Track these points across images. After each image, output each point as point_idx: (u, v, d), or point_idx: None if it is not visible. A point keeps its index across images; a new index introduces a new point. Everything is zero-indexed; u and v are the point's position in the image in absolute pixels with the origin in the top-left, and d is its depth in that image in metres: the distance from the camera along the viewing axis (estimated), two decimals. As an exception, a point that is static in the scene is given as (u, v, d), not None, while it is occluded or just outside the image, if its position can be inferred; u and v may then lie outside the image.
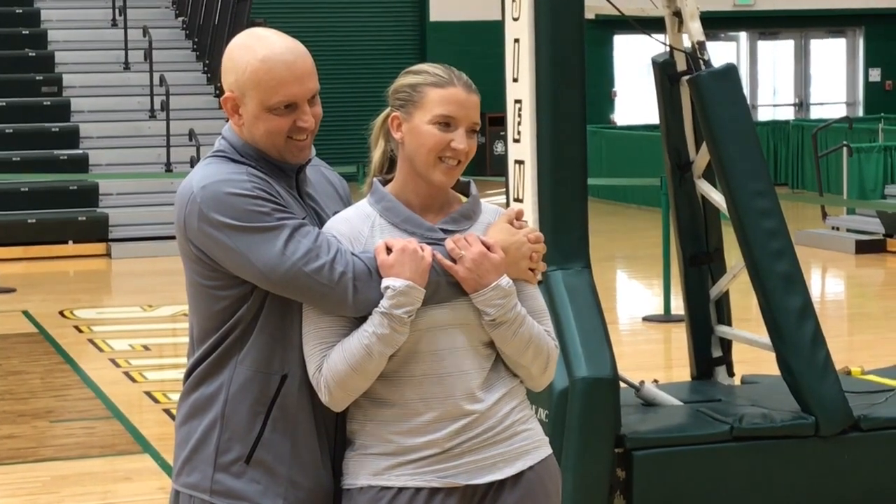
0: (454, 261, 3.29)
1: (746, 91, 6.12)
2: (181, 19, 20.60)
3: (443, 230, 3.35)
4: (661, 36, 6.34)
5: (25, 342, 11.33)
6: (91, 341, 11.30)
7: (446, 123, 3.30)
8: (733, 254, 6.21)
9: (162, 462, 7.70)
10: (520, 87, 5.73)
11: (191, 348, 3.44)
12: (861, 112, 26.98)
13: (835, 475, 5.78)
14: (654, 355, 10.79)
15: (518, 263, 3.36)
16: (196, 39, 20.06)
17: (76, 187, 17.14)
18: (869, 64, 27.66)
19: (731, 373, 6.58)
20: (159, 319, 12.37)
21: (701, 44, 6.04)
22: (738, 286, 6.54)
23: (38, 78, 18.97)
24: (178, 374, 9.51)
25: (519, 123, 5.75)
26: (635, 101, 25.93)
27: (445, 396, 3.29)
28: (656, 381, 6.31)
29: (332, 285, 3.23)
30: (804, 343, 5.76)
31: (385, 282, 3.24)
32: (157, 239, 16.12)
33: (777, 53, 27.90)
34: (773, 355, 5.88)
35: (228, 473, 3.35)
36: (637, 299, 13.81)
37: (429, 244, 3.30)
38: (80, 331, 11.77)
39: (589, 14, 5.82)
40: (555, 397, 5.42)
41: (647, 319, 11.88)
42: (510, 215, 3.41)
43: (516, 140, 5.78)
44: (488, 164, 24.28)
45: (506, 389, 3.37)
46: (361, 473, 3.33)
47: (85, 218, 16.68)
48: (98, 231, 16.62)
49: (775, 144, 22.49)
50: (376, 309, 3.23)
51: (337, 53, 24.23)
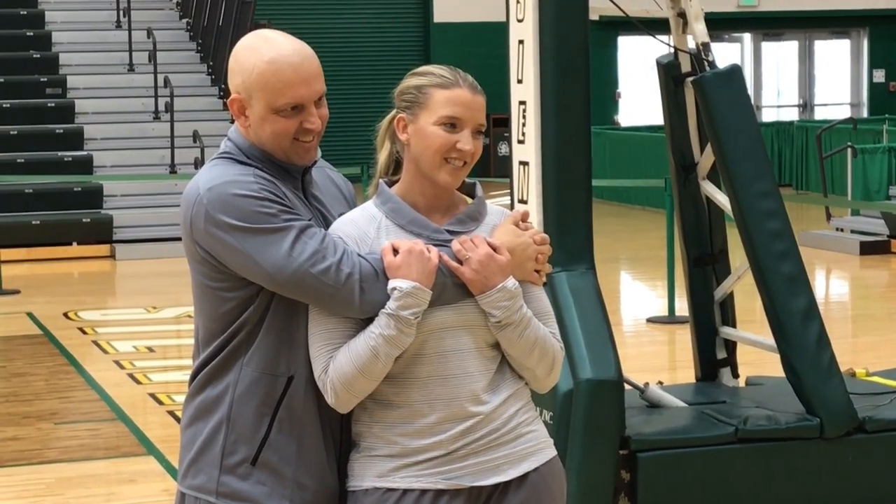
0: (460, 262, 3.29)
1: (751, 92, 6.14)
2: (185, 21, 20.62)
3: (449, 231, 3.35)
4: (666, 37, 6.34)
5: (30, 344, 11.34)
6: (95, 343, 11.30)
7: (452, 124, 3.31)
8: (738, 255, 6.21)
9: (166, 464, 7.70)
10: (524, 89, 5.73)
11: (196, 350, 3.44)
12: (865, 113, 26.98)
13: (839, 477, 5.77)
14: (659, 357, 10.78)
15: (524, 265, 3.36)
16: (200, 41, 20.07)
17: (80, 189, 17.15)
18: (873, 65, 27.65)
19: (736, 374, 6.58)
20: (163, 321, 12.38)
21: (705, 45, 6.04)
22: (743, 287, 6.54)
23: (43, 79, 18.99)
24: (183, 376, 9.53)
25: (523, 125, 5.75)
26: (639, 103, 25.93)
27: (451, 398, 3.30)
28: (661, 383, 6.31)
29: (339, 286, 3.23)
30: (809, 344, 5.76)
31: (392, 283, 3.24)
32: (162, 240, 16.12)
33: (781, 54, 27.89)
34: (778, 357, 5.88)
35: (234, 475, 3.35)
36: (641, 301, 13.80)
37: (435, 245, 3.30)
38: (85, 332, 11.77)
39: (593, 15, 5.82)
40: (559, 399, 5.42)
41: (652, 321, 11.87)
42: (516, 217, 3.41)
43: (521, 141, 5.78)
44: (492, 166, 24.27)
45: (511, 391, 3.37)
46: (367, 475, 3.33)
47: (89, 219, 16.68)
48: (102, 232, 16.63)
49: (779, 145, 22.48)
50: (383, 310, 3.24)
51: (341, 55, 24.23)
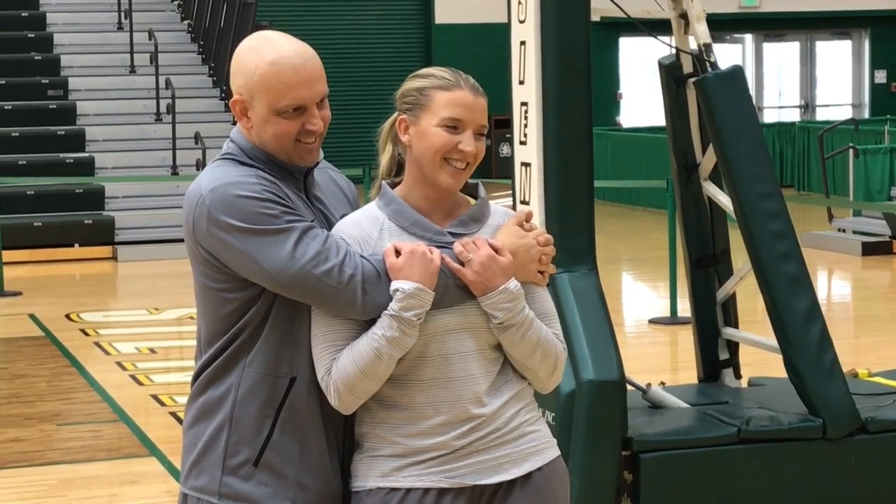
0: (462, 264, 3.29)
1: (752, 93, 6.15)
2: (187, 22, 20.61)
3: (451, 234, 3.35)
4: (668, 38, 6.34)
5: (32, 345, 11.34)
6: (97, 344, 11.30)
7: (454, 126, 3.31)
8: (740, 256, 6.20)
9: (168, 465, 7.71)
10: (526, 90, 5.73)
11: (198, 351, 3.44)
12: (867, 114, 26.97)
13: (842, 478, 5.77)
14: (661, 358, 10.78)
15: (527, 266, 3.36)
16: (202, 42, 20.07)
17: (82, 190, 17.15)
18: (875, 66, 27.65)
19: (738, 375, 6.58)
20: (165, 322, 12.37)
21: (707, 46, 6.04)
22: (745, 288, 6.53)
23: (44, 81, 18.99)
24: (185, 377, 9.52)
25: (525, 126, 5.75)
26: (641, 103, 25.92)
27: (454, 400, 3.30)
28: (663, 384, 6.31)
29: (342, 288, 3.23)
30: (811, 345, 5.76)
31: (394, 284, 3.24)
32: (164, 242, 16.12)
33: (783, 55, 27.89)
34: (780, 357, 5.87)
35: (237, 476, 3.35)
36: (643, 301, 13.79)
37: (437, 248, 3.30)
38: (87, 334, 11.77)
39: (594, 16, 5.82)
40: (562, 400, 5.42)
41: (654, 322, 11.87)
42: (519, 217, 3.41)
43: (522, 142, 5.78)
44: (494, 167, 24.26)
45: (513, 392, 3.37)
46: (370, 475, 3.34)
47: (91, 221, 16.68)
48: (104, 234, 16.62)
49: (781, 146, 22.48)
50: (385, 311, 3.24)
51: (342, 56, 24.23)
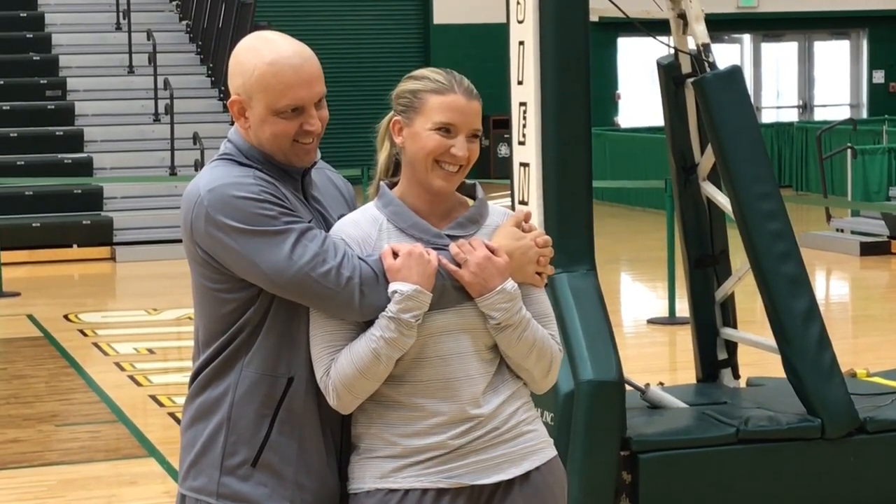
0: (459, 266, 3.29)
1: (750, 93, 6.15)
2: (185, 23, 20.61)
3: (449, 236, 3.35)
4: (666, 38, 6.34)
5: (30, 346, 11.33)
6: (96, 345, 11.30)
7: (447, 129, 3.31)
8: (738, 256, 6.20)
9: (167, 466, 7.70)
10: (525, 90, 5.73)
11: (196, 351, 3.44)
12: (865, 114, 26.97)
13: (841, 478, 5.77)
14: (660, 358, 10.78)
15: (524, 268, 3.35)
16: (200, 43, 20.07)
17: (80, 191, 17.15)
18: (873, 66, 27.65)
19: (737, 375, 6.58)
20: (164, 323, 12.37)
21: (706, 46, 6.04)
22: (744, 288, 6.53)
23: (43, 81, 18.99)
24: (183, 378, 9.51)
25: (524, 126, 5.75)
26: (639, 104, 25.93)
27: (452, 401, 3.30)
28: (662, 384, 6.31)
29: (339, 290, 3.23)
30: (810, 345, 5.76)
31: (393, 286, 3.24)
32: (162, 242, 16.11)
33: (781, 55, 27.89)
34: (779, 357, 5.88)
35: (235, 476, 3.35)
36: (642, 302, 13.80)
37: (434, 249, 3.31)
38: (85, 334, 11.77)
39: (593, 16, 5.82)
40: (560, 400, 5.42)
41: (652, 322, 11.87)
42: (517, 218, 3.40)
43: (521, 143, 5.78)
44: (492, 167, 24.28)
45: (510, 392, 3.37)
46: (367, 477, 3.34)
47: (89, 221, 16.68)
48: (102, 234, 16.62)
49: (779, 146, 22.48)
50: (383, 313, 3.24)
51: (341, 56, 24.23)
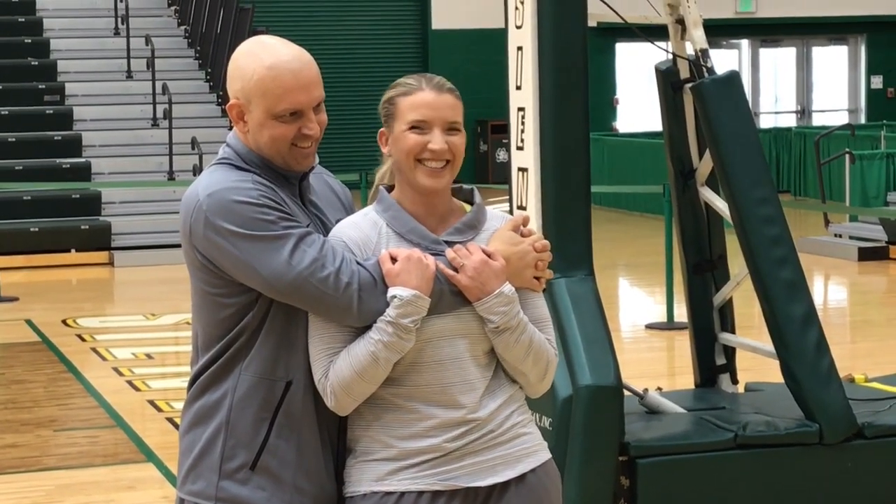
0: (456, 270, 3.30)
1: (748, 98, 6.14)
2: (183, 28, 20.62)
3: (447, 242, 3.36)
4: (664, 43, 6.34)
5: (28, 351, 11.33)
6: (94, 350, 11.29)
7: (420, 127, 3.33)
8: (736, 261, 6.20)
9: (165, 470, 7.70)
10: (523, 95, 5.73)
11: (194, 356, 3.44)
12: (863, 119, 26.98)
13: (839, 483, 5.77)
14: (658, 363, 10.78)
15: (522, 273, 3.36)
16: (198, 48, 20.07)
17: (79, 196, 17.14)
18: (871, 71, 27.66)
19: (735, 380, 6.58)
20: (162, 328, 12.37)
21: (704, 51, 6.04)
22: (742, 293, 6.53)
23: (41, 87, 18.99)
24: (181, 383, 9.51)
25: (522, 131, 5.75)
26: (637, 109, 25.93)
27: (448, 404, 3.31)
28: (660, 389, 6.31)
29: (338, 295, 3.24)
30: (808, 350, 5.76)
31: (392, 291, 3.25)
32: (160, 247, 16.12)
33: (779, 61, 27.90)
34: (777, 363, 5.87)
35: (233, 480, 3.35)
36: (640, 307, 13.80)
37: (432, 255, 3.32)
38: (83, 339, 11.76)
39: (591, 21, 5.82)
40: (559, 405, 5.42)
41: (651, 327, 11.87)
42: (515, 223, 3.41)
43: (520, 148, 5.78)
44: (490, 172, 24.29)
45: (506, 396, 3.38)
46: (364, 480, 3.34)
47: (87, 226, 16.67)
48: (101, 239, 16.62)
49: (777, 152, 22.49)
50: (382, 317, 3.25)
51: (339, 62, 24.25)
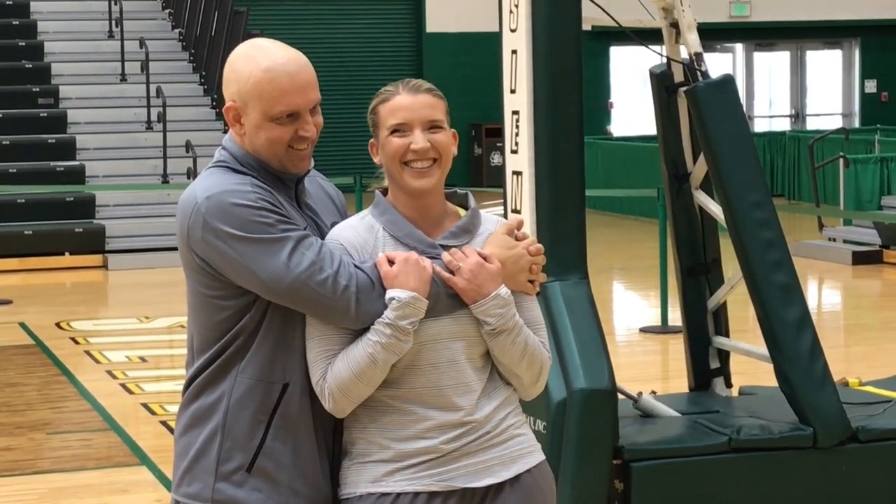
0: (453, 273, 3.30)
1: (743, 102, 6.15)
2: (178, 31, 20.60)
3: (443, 246, 3.37)
4: (659, 47, 6.34)
5: (22, 354, 11.32)
6: (88, 353, 11.28)
7: (401, 130, 3.35)
8: (731, 265, 6.21)
9: (159, 474, 7.70)
10: (517, 98, 5.74)
11: (190, 358, 3.44)
12: (857, 123, 27.00)
13: (833, 486, 5.77)
14: (652, 366, 10.78)
15: (516, 276, 3.37)
16: (193, 51, 20.06)
17: (73, 199, 17.12)
18: (865, 75, 27.69)
19: (729, 384, 6.58)
20: (156, 331, 12.36)
21: (698, 55, 6.05)
22: (736, 297, 6.54)
23: (35, 89, 18.97)
24: (175, 386, 9.51)
25: (517, 134, 5.76)
26: (632, 113, 25.94)
27: (445, 407, 3.32)
28: (654, 393, 6.31)
29: (336, 297, 3.25)
30: (802, 354, 5.76)
31: (390, 293, 3.26)
32: (154, 250, 16.10)
33: (773, 65, 27.92)
34: (771, 366, 5.88)
35: (230, 482, 3.35)
36: (634, 310, 13.80)
37: (429, 259, 3.33)
38: (77, 342, 11.75)
39: (586, 25, 5.82)
40: (553, 408, 5.42)
41: (645, 330, 11.87)
42: (510, 226, 3.43)
43: (514, 151, 5.79)
44: (485, 175, 24.29)
45: (502, 398, 3.40)
46: (360, 482, 3.35)
47: (81, 229, 16.66)
48: (95, 242, 16.60)
49: (772, 155, 22.50)
50: (380, 319, 3.26)
51: (334, 65, 24.24)
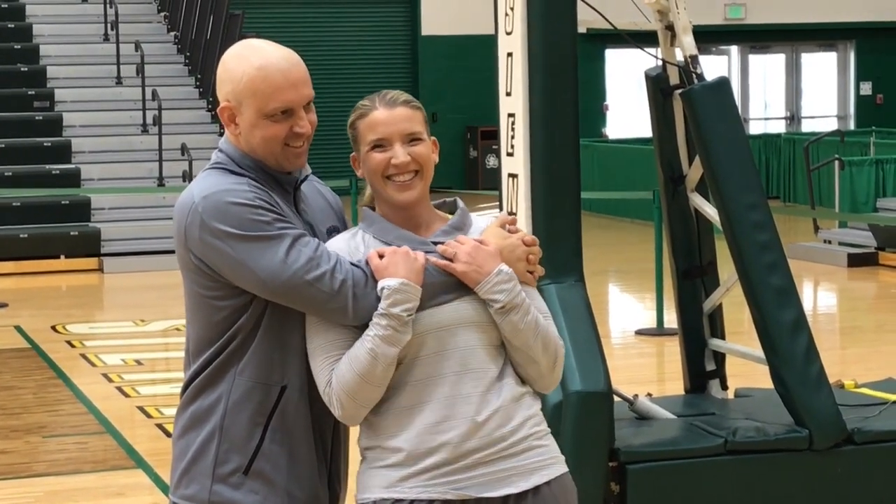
0: (451, 262, 3.31)
1: (738, 104, 6.15)
2: (173, 34, 20.61)
3: (435, 243, 3.37)
4: (654, 50, 6.35)
5: (18, 357, 11.31)
6: (83, 356, 11.28)
7: (381, 145, 3.37)
8: (726, 267, 6.21)
9: (155, 477, 7.69)
10: (513, 101, 5.74)
11: (187, 360, 3.45)
12: (852, 125, 27.03)
13: (828, 488, 5.77)
14: (648, 369, 10.79)
15: (515, 266, 3.36)
16: (188, 54, 20.07)
17: (68, 202, 17.13)
18: (860, 77, 27.72)
19: (725, 386, 6.58)
20: (152, 334, 12.36)
21: (694, 57, 6.05)
22: (732, 299, 6.54)
23: (31, 93, 18.97)
24: (171, 389, 9.52)
25: (512, 137, 5.76)
26: (627, 115, 25.96)
27: (454, 396, 3.28)
28: (650, 395, 6.31)
29: (333, 294, 3.25)
30: (797, 356, 5.76)
31: (380, 283, 3.26)
32: (150, 254, 16.10)
33: (768, 67, 27.95)
34: (767, 368, 5.88)
35: (227, 484, 3.36)
36: (630, 313, 13.81)
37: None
38: (73, 346, 11.75)
39: (581, 28, 5.82)
40: (549, 411, 5.41)
41: (641, 333, 11.88)
42: (503, 220, 3.44)
43: (510, 154, 5.79)
44: (480, 178, 24.30)
45: (518, 403, 3.34)
46: (374, 486, 3.33)
47: (77, 233, 16.66)
48: (90, 246, 16.60)
49: (767, 158, 22.52)
50: (375, 312, 3.25)
51: (329, 68, 24.24)
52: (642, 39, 6.30)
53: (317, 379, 3.31)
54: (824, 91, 27.99)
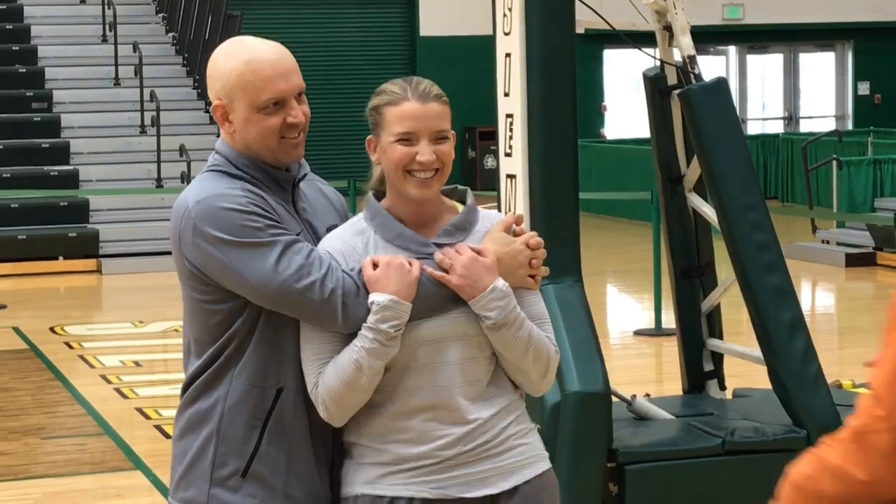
0: (447, 273, 3.29)
1: (736, 105, 6.14)
2: (171, 35, 20.60)
3: (437, 245, 3.35)
4: (652, 50, 6.35)
5: (16, 359, 11.31)
6: (82, 357, 11.28)
7: (407, 139, 3.32)
8: (724, 267, 6.21)
9: (153, 478, 7.69)
10: (511, 102, 5.74)
11: (186, 363, 3.45)
12: (850, 125, 27.03)
13: (827, 488, 5.77)
14: (646, 369, 10.79)
15: (515, 272, 3.35)
16: (186, 55, 20.06)
17: (66, 203, 17.12)
18: (858, 77, 27.72)
19: (723, 386, 6.58)
20: (150, 335, 12.35)
21: (692, 58, 6.06)
22: (730, 299, 6.54)
23: (29, 94, 18.96)
24: (169, 390, 9.52)
25: (510, 138, 5.76)
26: (625, 115, 25.96)
27: (442, 408, 3.29)
28: (648, 395, 6.31)
29: (323, 302, 3.25)
30: (796, 356, 5.77)
31: (371, 297, 3.25)
32: (148, 255, 16.10)
33: (766, 67, 27.95)
34: (765, 369, 5.88)
35: (225, 488, 3.36)
36: (628, 313, 13.81)
37: (422, 259, 3.31)
38: (71, 347, 11.75)
39: (579, 28, 5.82)
40: (547, 411, 5.42)
41: (639, 333, 11.88)
42: (507, 223, 3.40)
43: (508, 154, 5.79)
44: (479, 179, 24.29)
45: (504, 403, 3.36)
46: (356, 482, 3.34)
47: (75, 234, 16.66)
48: (88, 247, 16.60)
49: (765, 158, 22.53)
50: (364, 324, 3.24)
51: (327, 68, 24.25)
52: (640, 40, 6.30)
53: (306, 379, 3.31)
54: (822, 91, 27.99)
